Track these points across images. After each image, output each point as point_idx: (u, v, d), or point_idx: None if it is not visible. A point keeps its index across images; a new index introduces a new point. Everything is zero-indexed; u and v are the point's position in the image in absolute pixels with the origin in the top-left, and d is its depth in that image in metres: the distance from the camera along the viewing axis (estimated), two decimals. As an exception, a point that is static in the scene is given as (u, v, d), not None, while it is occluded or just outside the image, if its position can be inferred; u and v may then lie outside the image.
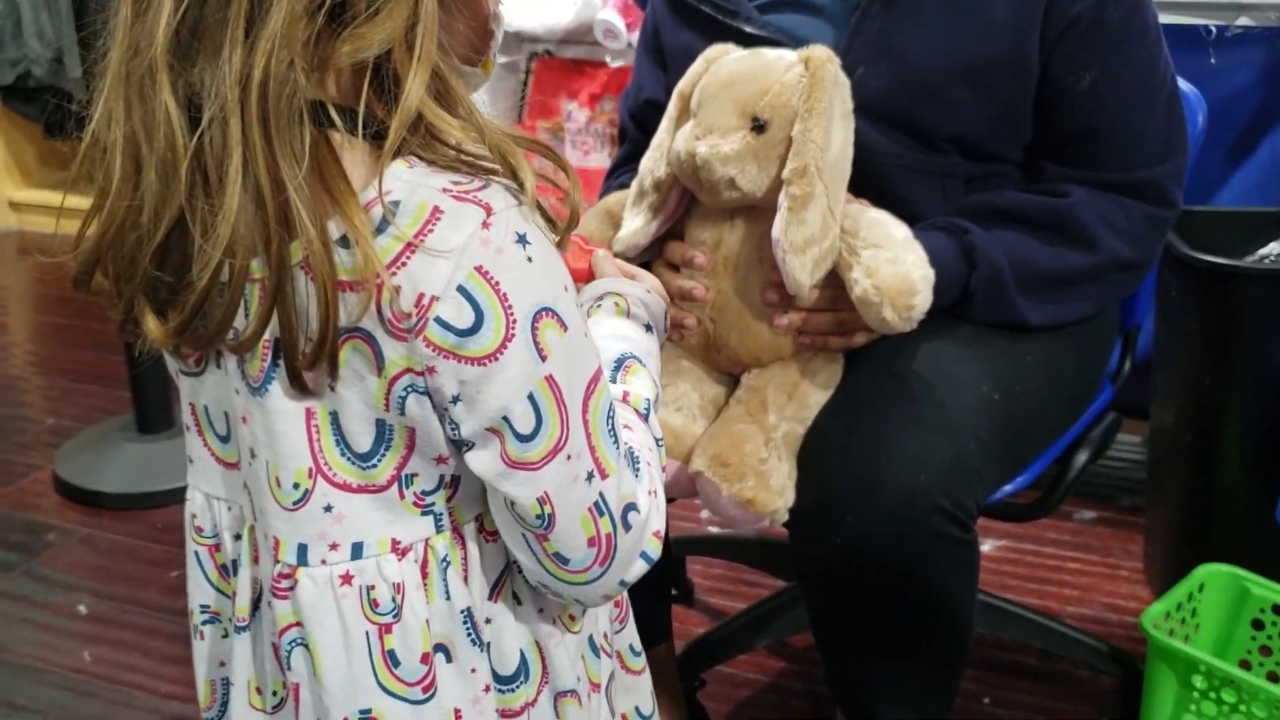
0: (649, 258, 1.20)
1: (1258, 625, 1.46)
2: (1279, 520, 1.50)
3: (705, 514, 1.94)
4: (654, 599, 1.41)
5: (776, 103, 1.07)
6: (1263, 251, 1.72)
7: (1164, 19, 1.84)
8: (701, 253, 1.14)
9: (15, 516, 2.15)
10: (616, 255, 1.18)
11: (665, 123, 1.17)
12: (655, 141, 1.17)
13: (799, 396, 1.13)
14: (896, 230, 1.10)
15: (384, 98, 0.72)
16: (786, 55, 1.11)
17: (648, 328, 0.96)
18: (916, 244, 1.09)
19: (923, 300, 1.07)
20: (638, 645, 0.96)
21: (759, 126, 1.07)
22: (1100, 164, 1.22)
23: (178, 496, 0.89)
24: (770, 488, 1.09)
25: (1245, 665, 1.47)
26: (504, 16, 0.84)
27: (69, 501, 2.19)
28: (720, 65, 1.13)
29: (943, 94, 1.19)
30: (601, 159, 2.86)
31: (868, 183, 1.16)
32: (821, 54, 1.09)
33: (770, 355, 1.14)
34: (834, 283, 1.11)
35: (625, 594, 0.90)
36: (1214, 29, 1.86)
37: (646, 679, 0.97)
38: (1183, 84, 1.42)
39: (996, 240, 1.19)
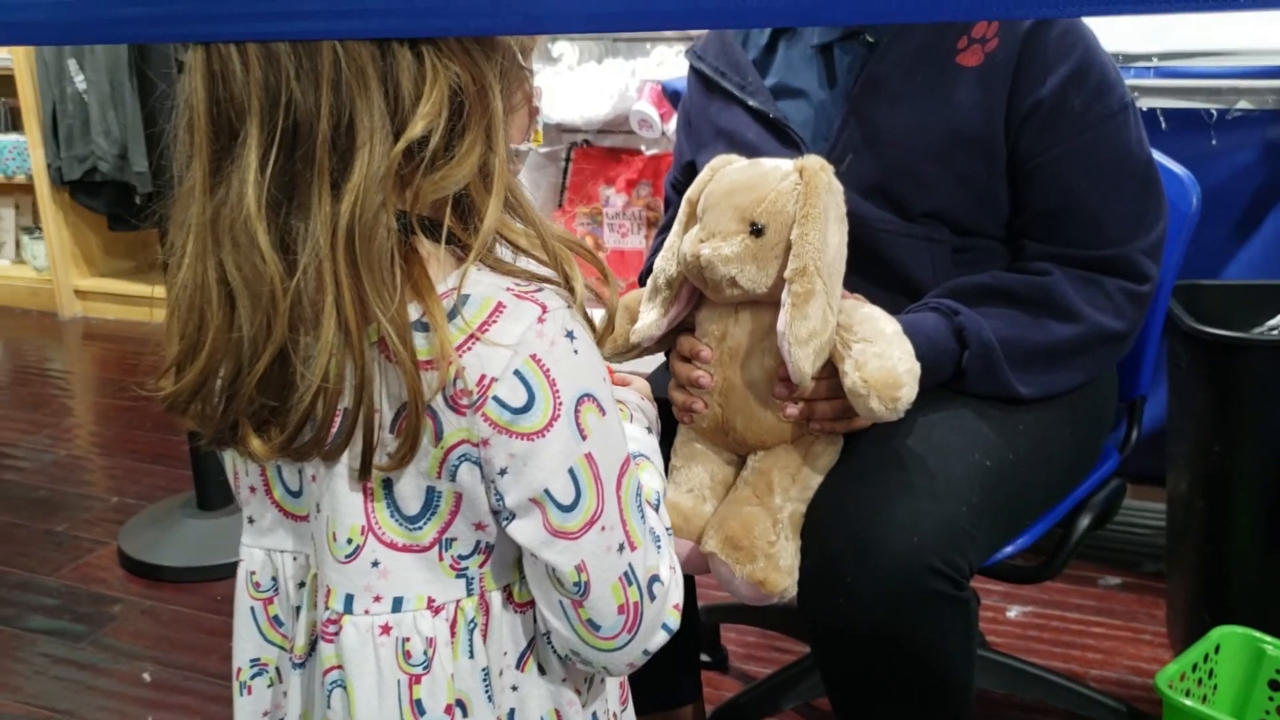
0: (665, 348, 1.29)
1: (1275, 686, 1.48)
2: (1291, 582, 1.54)
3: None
4: (681, 660, 1.47)
5: (772, 209, 1.15)
6: (1270, 324, 1.77)
7: (1167, 104, 1.94)
8: (708, 345, 1.22)
9: (83, 590, 2.22)
10: (633, 345, 1.27)
11: (676, 226, 1.25)
12: (667, 243, 1.25)
13: (802, 479, 1.20)
14: (886, 325, 1.16)
15: (463, 219, 0.81)
16: (782, 165, 1.19)
17: (648, 430, 1.04)
18: (904, 339, 1.15)
19: (907, 392, 1.12)
20: None
21: (757, 230, 1.15)
22: (1072, 240, 1.28)
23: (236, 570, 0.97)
24: (780, 568, 1.16)
25: (1263, 726, 1.49)
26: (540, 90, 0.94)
27: (133, 575, 2.26)
28: (723, 175, 1.21)
29: (917, 173, 1.28)
30: (638, 241, 2.96)
31: (859, 246, 1.23)
32: (815, 163, 1.17)
33: (774, 438, 1.22)
34: (834, 373, 1.17)
35: (626, 677, 0.97)
36: (1215, 112, 1.93)
37: None
38: (1176, 167, 1.49)
39: (986, 319, 1.25)
